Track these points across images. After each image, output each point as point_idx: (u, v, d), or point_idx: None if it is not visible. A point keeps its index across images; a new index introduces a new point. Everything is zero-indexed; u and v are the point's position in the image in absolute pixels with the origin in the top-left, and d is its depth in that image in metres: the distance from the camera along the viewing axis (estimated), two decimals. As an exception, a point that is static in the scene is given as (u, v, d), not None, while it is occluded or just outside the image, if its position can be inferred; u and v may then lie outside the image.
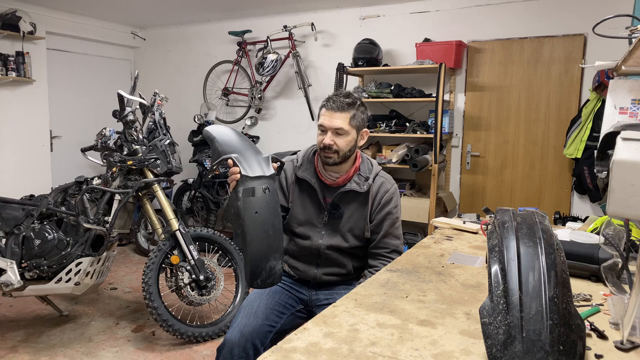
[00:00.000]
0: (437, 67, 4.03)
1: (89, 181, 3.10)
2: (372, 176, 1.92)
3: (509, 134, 4.35)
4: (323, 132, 1.84)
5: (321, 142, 1.84)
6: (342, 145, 1.82)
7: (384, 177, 1.96)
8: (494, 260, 1.03)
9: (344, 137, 1.83)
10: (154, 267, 2.95)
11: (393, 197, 1.93)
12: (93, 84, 5.85)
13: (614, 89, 1.86)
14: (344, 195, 1.90)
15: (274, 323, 1.77)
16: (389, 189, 1.93)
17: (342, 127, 1.81)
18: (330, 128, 1.82)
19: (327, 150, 1.83)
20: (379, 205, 1.91)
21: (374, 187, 1.92)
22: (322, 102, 1.88)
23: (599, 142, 1.22)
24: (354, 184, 1.89)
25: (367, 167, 1.95)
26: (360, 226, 1.92)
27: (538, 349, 0.89)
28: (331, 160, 1.84)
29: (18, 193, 3.56)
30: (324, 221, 1.90)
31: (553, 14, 4.05)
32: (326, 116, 1.83)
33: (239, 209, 1.51)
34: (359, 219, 1.91)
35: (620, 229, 1.36)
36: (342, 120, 1.82)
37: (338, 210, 1.90)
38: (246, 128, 5.52)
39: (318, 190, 1.90)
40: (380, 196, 1.91)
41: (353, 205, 1.91)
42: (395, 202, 1.93)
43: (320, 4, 4.86)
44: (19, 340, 3.08)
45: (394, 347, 1.11)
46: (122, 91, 3.11)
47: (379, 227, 1.91)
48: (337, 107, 1.82)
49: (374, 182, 1.92)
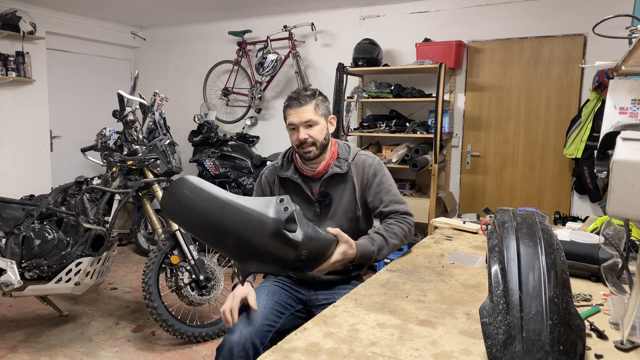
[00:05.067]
0: (437, 67, 4.03)
1: (89, 181, 3.10)
2: (352, 157, 1.95)
3: (509, 134, 4.35)
4: (294, 129, 1.88)
5: (296, 140, 1.88)
6: (316, 135, 1.86)
7: (364, 154, 1.99)
8: (494, 260, 1.03)
9: (315, 127, 1.87)
10: (154, 267, 2.95)
11: (378, 168, 1.96)
12: (93, 84, 5.85)
13: (614, 89, 1.86)
14: (329, 181, 1.93)
15: (273, 323, 1.77)
16: (372, 162, 1.96)
17: (311, 118, 1.86)
18: (301, 123, 1.86)
19: (304, 146, 1.87)
20: (367, 181, 1.94)
21: (357, 166, 1.95)
22: (284, 104, 1.93)
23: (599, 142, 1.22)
24: (335, 167, 1.92)
25: (345, 150, 1.99)
26: (351, 207, 1.94)
27: (538, 349, 0.89)
28: (311, 153, 1.88)
29: (18, 193, 3.56)
30: (316, 212, 1.93)
31: (553, 14, 4.05)
32: (293, 114, 1.88)
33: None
34: (349, 200, 1.93)
35: (620, 229, 1.36)
36: (308, 112, 1.87)
37: (327, 198, 1.93)
38: (246, 128, 5.53)
39: (302, 185, 1.93)
40: (366, 171, 1.94)
41: (340, 188, 1.94)
42: (382, 172, 1.96)
43: (320, 4, 4.86)
44: (19, 340, 3.08)
45: (394, 347, 1.11)
46: (122, 91, 3.11)
47: (377, 200, 1.93)
48: (300, 102, 1.87)
49: (355, 161, 1.95)
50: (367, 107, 4.89)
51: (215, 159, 4.93)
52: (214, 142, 5.08)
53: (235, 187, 4.86)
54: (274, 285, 1.92)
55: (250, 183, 4.78)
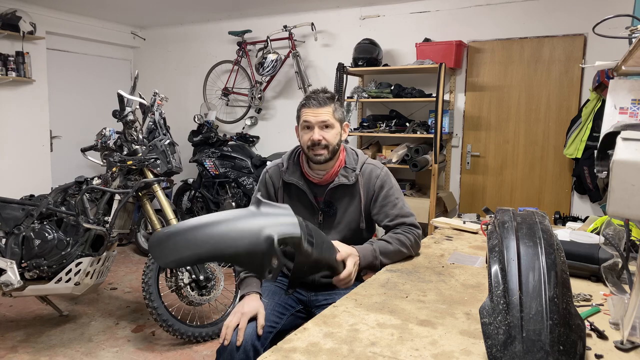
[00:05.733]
0: (437, 67, 4.03)
1: (89, 181, 3.10)
2: (359, 166, 1.91)
3: (509, 134, 4.35)
4: (309, 128, 1.84)
5: (309, 140, 1.83)
6: (330, 138, 1.82)
7: (372, 164, 1.94)
8: (494, 260, 1.03)
9: (331, 130, 1.83)
10: (154, 267, 2.95)
11: (385, 180, 1.91)
12: (93, 84, 5.85)
13: (614, 89, 1.86)
14: (334, 191, 1.89)
15: (273, 324, 1.77)
16: (379, 174, 1.91)
17: (328, 119, 1.83)
18: (317, 123, 1.82)
19: (317, 147, 1.82)
20: (374, 192, 1.90)
21: (364, 177, 1.90)
22: (300, 103, 1.88)
23: (599, 142, 1.22)
24: (342, 177, 1.88)
25: (353, 159, 1.94)
26: (356, 219, 1.91)
27: (538, 349, 0.89)
28: (322, 157, 1.83)
29: (18, 193, 3.56)
30: (319, 221, 1.90)
31: (553, 14, 4.05)
32: (309, 113, 1.83)
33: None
34: (353, 212, 1.90)
35: (620, 229, 1.36)
36: (326, 114, 1.83)
37: (332, 208, 1.89)
38: (246, 128, 5.53)
39: (308, 192, 1.89)
40: (373, 183, 1.90)
41: (345, 200, 1.90)
42: (390, 184, 1.91)
43: (320, 4, 4.86)
44: (19, 340, 3.08)
45: (394, 347, 1.11)
46: (122, 91, 3.11)
47: (382, 214, 1.89)
48: (320, 103, 1.83)
49: (362, 171, 1.91)
50: (367, 107, 4.89)
51: (215, 159, 4.93)
52: (214, 142, 5.08)
53: (235, 187, 4.86)
54: (274, 286, 1.92)
55: (250, 183, 4.77)
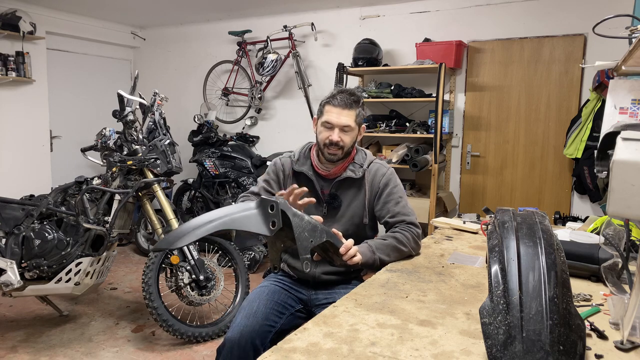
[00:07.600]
0: (437, 67, 4.03)
1: (89, 181, 3.10)
2: (367, 163, 1.95)
3: (509, 134, 4.35)
4: (329, 128, 1.86)
5: (327, 139, 1.85)
6: (347, 141, 1.86)
7: (379, 163, 1.99)
8: (494, 260, 1.03)
9: (350, 133, 1.87)
10: (154, 267, 2.95)
11: (390, 178, 1.95)
12: (93, 84, 5.85)
13: (614, 89, 1.86)
14: (341, 184, 1.92)
15: (273, 323, 1.77)
16: (385, 172, 1.95)
17: (350, 124, 1.86)
18: (339, 125, 1.85)
19: (333, 147, 1.85)
20: (378, 189, 1.93)
21: (370, 173, 1.94)
22: (326, 99, 1.90)
23: (599, 142, 1.22)
24: (349, 171, 1.92)
25: (362, 156, 1.98)
26: (359, 213, 1.93)
27: (538, 349, 0.89)
28: (336, 157, 1.87)
29: (18, 193, 3.56)
30: (322, 213, 1.91)
31: (553, 14, 4.05)
32: (333, 113, 1.85)
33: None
34: (357, 206, 1.93)
35: (620, 229, 1.36)
36: (349, 118, 1.86)
37: (336, 200, 1.92)
38: (246, 128, 5.53)
39: (315, 182, 1.92)
40: (378, 180, 1.93)
41: (350, 193, 1.93)
42: (395, 182, 1.94)
43: (320, 4, 4.86)
44: (19, 340, 3.08)
45: (394, 347, 1.11)
46: (122, 91, 3.11)
47: (384, 210, 1.92)
48: (345, 105, 1.85)
49: (369, 168, 1.95)
50: (367, 107, 4.89)
51: (215, 159, 4.93)
52: (214, 142, 5.08)
53: (235, 187, 4.86)
54: (274, 285, 1.92)
55: (250, 183, 4.77)
